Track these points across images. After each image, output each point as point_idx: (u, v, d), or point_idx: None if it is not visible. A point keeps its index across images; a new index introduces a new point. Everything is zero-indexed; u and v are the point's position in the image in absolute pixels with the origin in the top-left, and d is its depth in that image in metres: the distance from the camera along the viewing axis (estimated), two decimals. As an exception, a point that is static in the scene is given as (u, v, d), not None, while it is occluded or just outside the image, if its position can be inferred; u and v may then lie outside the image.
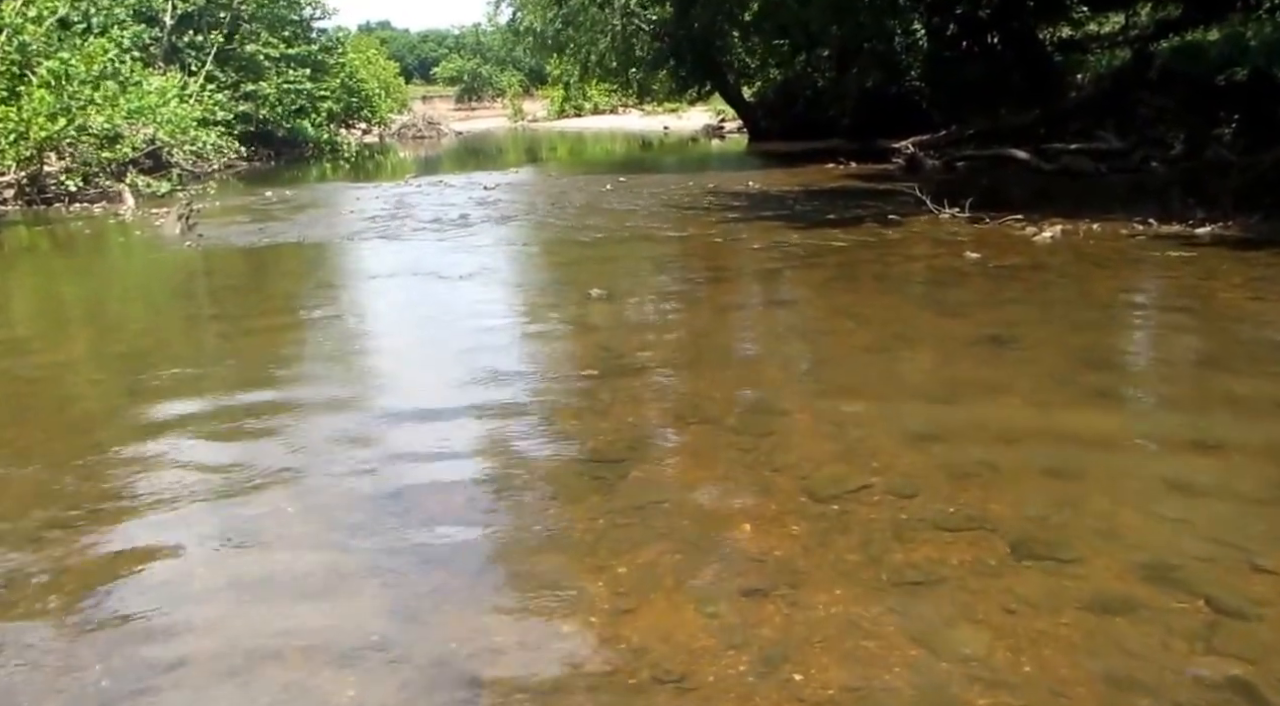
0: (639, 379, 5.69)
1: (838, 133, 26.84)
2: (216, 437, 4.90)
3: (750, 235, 11.03)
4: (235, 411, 5.29)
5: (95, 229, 14.69)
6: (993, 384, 5.31)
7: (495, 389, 5.51)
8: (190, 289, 9.55)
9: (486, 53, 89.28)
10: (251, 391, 5.67)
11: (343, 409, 5.31)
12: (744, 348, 6.39)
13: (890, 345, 6.28)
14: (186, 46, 29.29)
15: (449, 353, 6.44)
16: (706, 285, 8.55)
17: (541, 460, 4.41)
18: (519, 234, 12.18)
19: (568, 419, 4.96)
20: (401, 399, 5.44)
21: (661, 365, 5.98)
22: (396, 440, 4.75)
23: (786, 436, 4.60)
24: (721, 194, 15.78)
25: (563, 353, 6.41)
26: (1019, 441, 4.40)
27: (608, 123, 53.38)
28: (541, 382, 5.70)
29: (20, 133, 17.79)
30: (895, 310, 7.29)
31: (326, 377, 6.02)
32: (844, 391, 5.25)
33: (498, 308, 7.83)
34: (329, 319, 7.66)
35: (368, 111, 44.01)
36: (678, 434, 4.70)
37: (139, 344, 7.21)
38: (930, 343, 6.30)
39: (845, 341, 6.41)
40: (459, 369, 5.99)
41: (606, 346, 6.50)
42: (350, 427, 4.94)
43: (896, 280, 8.35)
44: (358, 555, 3.54)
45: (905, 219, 11.78)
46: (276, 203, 17.38)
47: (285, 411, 5.26)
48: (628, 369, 5.89)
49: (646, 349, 6.41)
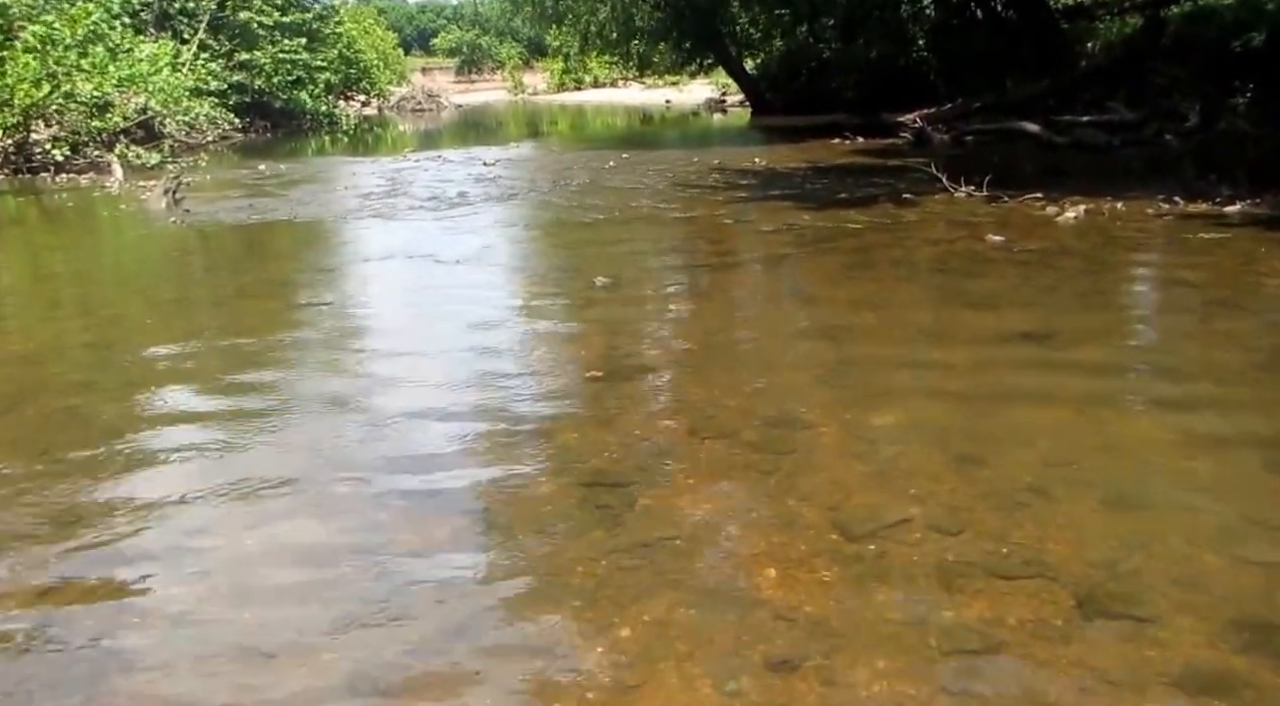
0: (647, 382, 5.23)
1: (841, 106, 26.26)
2: (152, 462, 4.43)
3: (760, 216, 10.53)
4: (179, 426, 4.83)
5: (79, 201, 14.19)
6: (1035, 390, 4.84)
7: (490, 394, 5.05)
8: (167, 272, 9.04)
9: (486, 24, 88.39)
10: (209, 398, 5.23)
11: (310, 417, 4.84)
12: (759, 345, 5.90)
13: (918, 343, 5.81)
14: (179, 13, 28.62)
15: (440, 350, 5.97)
16: (716, 272, 8.07)
17: (539, 484, 3.95)
18: (519, 214, 11.68)
19: (569, 432, 4.50)
20: (382, 407, 4.92)
21: (671, 366, 5.53)
22: (372, 457, 4.28)
23: (811, 455, 4.15)
24: (727, 171, 15.27)
25: (565, 350, 5.94)
26: (1072, 462, 3.94)
27: (608, 96, 52.64)
28: (541, 386, 5.23)
29: (4, 100, 17.26)
30: (919, 302, 6.81)
31: (297, 381, 5.50)
32: (871, 399, 4.79)
33: (495, 296, 7.35)
34: (313, 309, 7.14)
35: (366, 83, 43.38)
36: (690, 451, 4.24)
37: (107, 333, 6.74)
38: (961, 340, 5.83)
39: (868, 339, 5.94)
40: (450, 370, 5.53)
41: (612, 343, 6.05)
42: (316, 441, 4.49)
43: (917, 267, 7.86)
44: (315, 611, 3.09)
45: (920, 198, 11.29)
46: (270, 177, 16.87)
47: (247, 419, 4.80)
48: (635, 370, 5.44)
49: (655, 346, 5.96)
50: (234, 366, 5.75)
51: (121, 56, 21.83)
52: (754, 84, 31.98)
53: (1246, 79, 17.34)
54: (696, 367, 5.50)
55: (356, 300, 7.55)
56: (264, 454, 4.38)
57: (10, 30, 18.34)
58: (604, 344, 6.04)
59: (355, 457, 4.29)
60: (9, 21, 18.26)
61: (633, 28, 32.77)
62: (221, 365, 5.80)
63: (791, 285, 7.59)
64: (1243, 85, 17.53)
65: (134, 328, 6.90)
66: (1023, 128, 17.55)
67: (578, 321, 6.62)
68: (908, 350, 5.67)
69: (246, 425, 4.73)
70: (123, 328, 6.93)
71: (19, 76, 17.26)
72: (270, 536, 3.59)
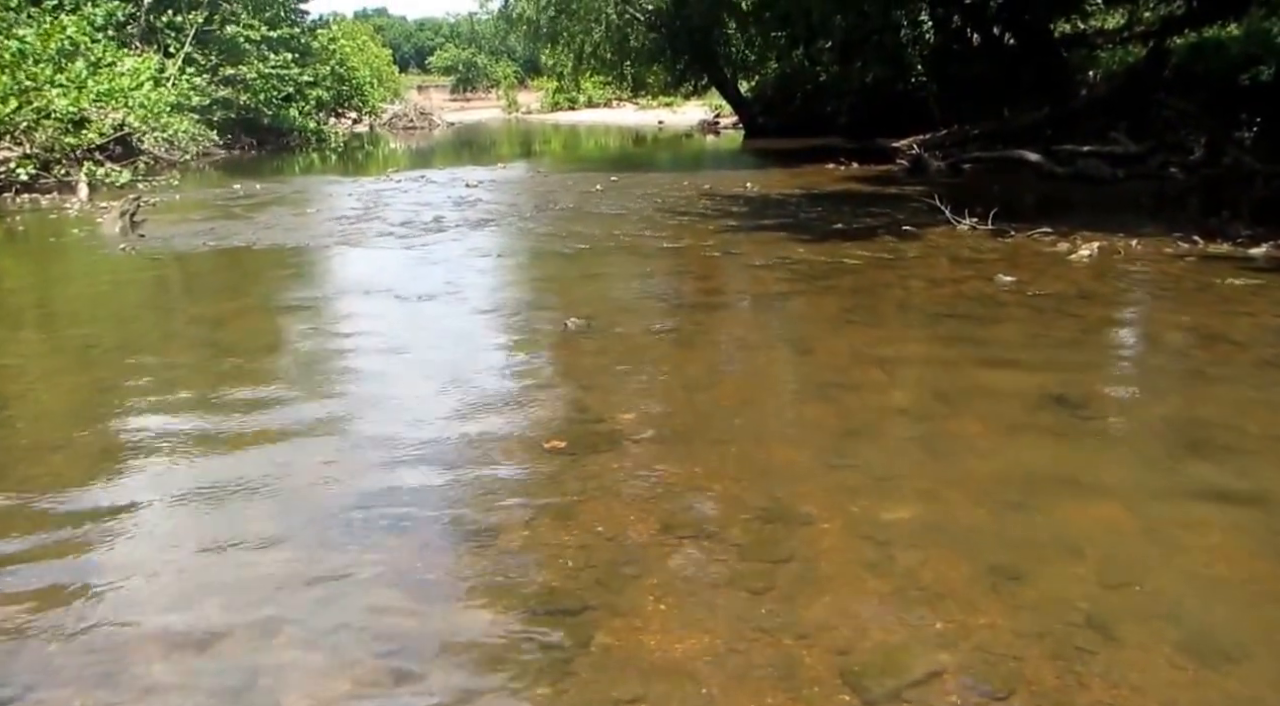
0: (618, 458, 4.46)
1: (836, 130, 25.81)
2: (21, 558, 3.66)
3: (751, 248, 9.80)
4: (49, 515, 4.06)
5: (31, 224, 13.35)
6: (1075, 476, 4.09)
7: (422, 477, 4.26)
8: (89, 311, 8.04)
9: (481, 42, 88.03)
10: (73, 491, 4.45)
11: (182, 513, 4.07)
12: (749, 409, 5.14)
13: (931, 409, 5.06)
14: (165, 27, 27.89)
15: (378, 411, 5.16)
16: (703, 314, 7.31)
17: (471, 612, 3.15)
18: (495, 242, 10.92)
19: (517, 530, 3.72)
20: (272, 507, 4.10)
21: (646, 435, 4.75)
22: (229, 580, 3.49)
23: (813, 565, 3.39)
24: (718, 197, 14.56)
25: (524, 412, 5.15)
26: (1134, 583, 3.19)
27: (602, 116, 52.16)
28: (489, 462, 4.44)
29: (-32, 117, 16.48)
30: (928, 355, 6.07)
31: (166, 468, 4.67)
32: (882, 486, 4.04)
33: (454, 341, 6.57)
34: (228, 359, 6.19)
35: (358, 100, 42.65)
36: (664, 558, 3.47)
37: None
38: (980, 405, 5.07)
39: (874, 403, 5.18)
40: (385, 436, 4.74)
41: (579, 402, 5.28)
42: (185, 540, 3.71)
43: (924, 312, 7.12)
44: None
45: (921, 230, 10.60)
46: (242, 198, 16.09)
47: (110, 519, 4.03)
48: (603, 440, 4.67)
49: (629, 407, 5.18)
50: (115, 432, 4.97)
51: (102, 71, 21.12)
52: (748, 106, 31.45)
53: (1254, 113, 16.75)
54: (675, 437, 4.73)
55: (286, 349, 6.55)
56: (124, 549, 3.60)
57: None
58: (570, 403, 5.27)
59: (221, 575, 3.51)
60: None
61: (627, 48, 32.28)
62: (105, 431, 5.02)
63: (785, 331, 6.82)
64: (1249, 119, 16.94)
65: (18, 381, 6.09)
66: (1022, 157, 16.94)
67: (543, 373, 5.85)
68: (920, 418, 4.93)
69: (99, 527, 3.96)
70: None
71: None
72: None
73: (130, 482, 4.26)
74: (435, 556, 3.54)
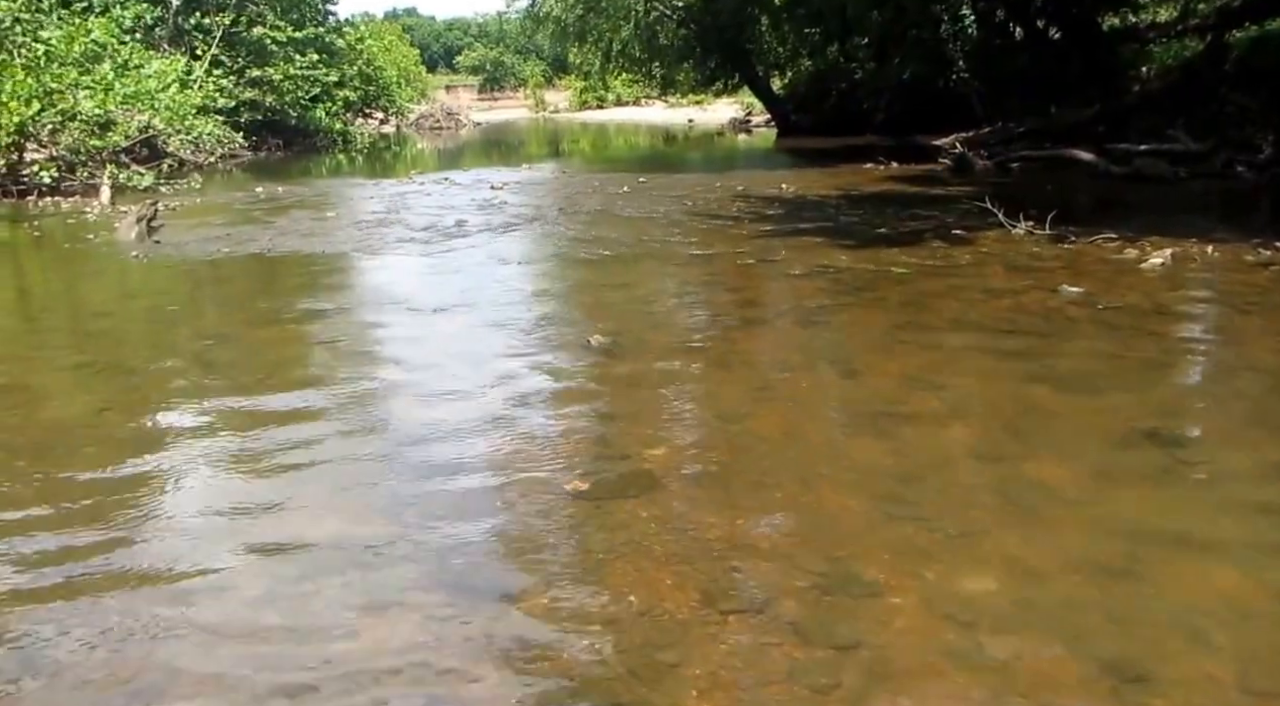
0: (648, 504, 3.89)
1: (871, 128, 25.13)
2: None
3: (789, 255, 9.19)
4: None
5: (47, 228, 12.94)
6: (1185, 533, 3.49)
7: (428, 522, 3.73)
8: (91, 325, 7.55)
9: (509, 41, 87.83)
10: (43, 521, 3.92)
11: (161, 552, 3.54)
12: (793, 444, 4.54)
13: (1002, 446, 4.45)
14: (193, 29, 27.64)
15: (376, 444, 4.62)
16: (738, 330, 6.71)
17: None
18: (518, 249, 10.39)
19: (534, 598, 3.17)
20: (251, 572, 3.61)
21: (680, 476, 4.18)
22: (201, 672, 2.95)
23: (885, 655, 2.80)
24: (752, 198, 13.96)
25: (543, 446, 4.59)
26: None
27: (630, 114, 51.66)
28: (505, 506, 3.90)
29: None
30: (993, 379, 5.44)
31: (153, 502, 4.18)
32: (957, 546, 3.44)
33: (466, 361, 5.99)
34: (222, 381, 5.68)
35: (385, 100, 42.36)
36: (708, 641, 2.89)
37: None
38: (1059, 441, 4.46)
39: (935, 438, 4.58)
40: (383, 477, 4.22)
41: (603, 435, 4.71)
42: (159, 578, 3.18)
43: (983, 328, 6.48)
44: None
45: (972, 234, 9.95)
46: (263, 201, 15.66)
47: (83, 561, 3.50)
48: (633, 482, 4.10)
49: (660, 441, 4.60)
50: (102, 458, 4.45)
51: (129, 73, 20.82)
52: (780, 104, 30.79)
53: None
54: (711, 479, 4.16)
55: (282, 372, 5.96)
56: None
57: (3, 45, 17.23)
58: (594, 435, 4.71)
59: (182, 661, 2.97)
60: (0, 36, 17.13)
61: (656, 46, 31.72)
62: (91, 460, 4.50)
63: (830, 351, 6.19)
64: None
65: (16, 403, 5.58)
66: (1075, 155, 16.19)
67: (563, 399, 5.26)
68: (990, 458, 4.32)
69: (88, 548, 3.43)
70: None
71: (11, 94, 16.14)
72: None
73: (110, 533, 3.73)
74: (436, 632, 2.98)
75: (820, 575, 3.27)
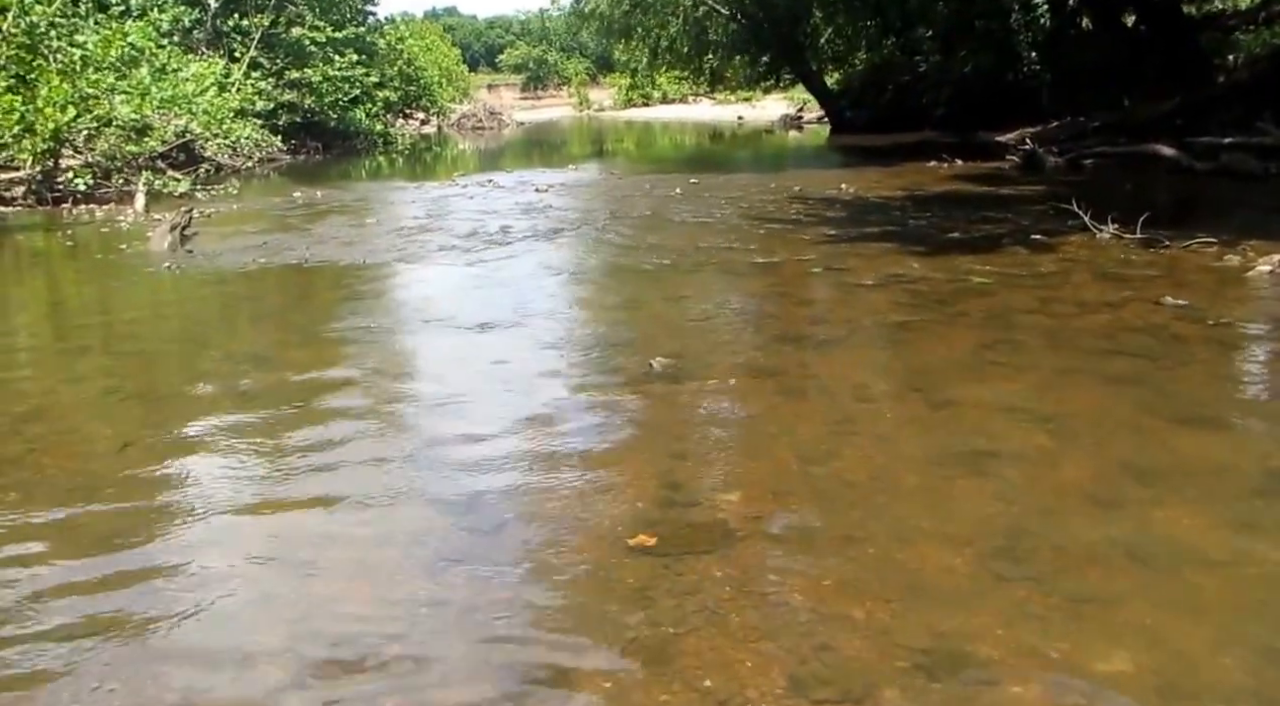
0: (723, 563, 3.38)
1: (929, 123, 24.40)
2: None
3: (857, 264, 8.63)
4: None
5: (79, 238, 12.61)
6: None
7: (473, 583, 3.25)
8: (109, 345, 7.01)
9: (552, 39, 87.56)
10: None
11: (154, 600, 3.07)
12: (883, 489, 3.99)
13: (1123, 490, 3.87)
14: (232, 30, 27.45)
15: (418, 485, 4.15)
16: (811, 350, 6.14)
17: None
18: (566, 257, 9.90)
19: (595, 684, 2.67)
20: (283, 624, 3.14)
21: (758, 529, 3.65)
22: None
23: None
24: (811, 200, 13.37)
25: (603, 491, 4.08)
26: None
27: (677, 112, 51.07)
28: (559, 565, 3.40)
29: (28, 125, 15.88)
30: (1103, 410, 4.84)
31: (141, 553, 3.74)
32: (1082, 615, 2.91)
33: (515, 388, 5.48)
34: (252, 417, 5.14)
35: (427, 101, 42.12)
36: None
37: None
38: (1190, 485, 3.88)
39: (1043, 480, 4.01)
40: (424, 524, 3.74)
41: (671, 477, 4.19)
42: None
43: (1082, 348, 5.87)
44: None
45: (1053, 239, 9.33)
46: (300, 207, 15.31)
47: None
48: (704, 535, 3.60)
49: (733, 485, 4.09)
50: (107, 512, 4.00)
51: (166, 77, 20.62)
52: (834, 100, 30.04)
53: None
54: (793, 532, 3.63)
55: (316, 401, 5.39)
56: None
57: (39, 50, 17.01)
58: (659, 478, 4.18)
59: None
60: (35, 40, 16.91)
61: (705, 41, 31.17)
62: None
63: (915, 375, 5.60)
64: None
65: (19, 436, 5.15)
66: (1156, 151, 15.35)
67: (624, 435, 4.74)
68: (1112, 505, 3.74)
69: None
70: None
71: (48, 99, 15.91)
72: None
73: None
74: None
75: (924, 653, 2.75)
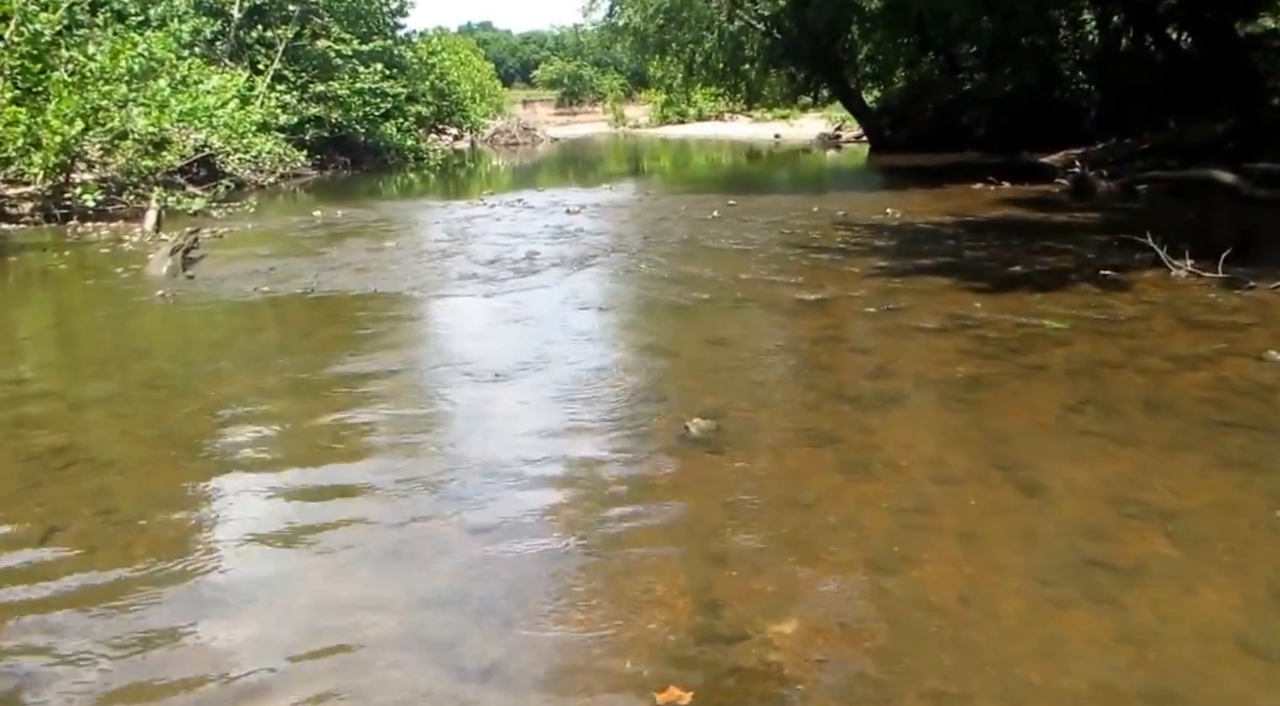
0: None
1: (971, 143, 23.56)
2: None
3: (913, 301, 7.82)
4: None
5: (76, 260, 11.95)
6: None
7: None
8: (76, 392, 6.21)
9: (587, 54, 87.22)
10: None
11: None
12: (982, 623, 3.17)
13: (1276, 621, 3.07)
14: (255, 42, 26.96)
15: (390, 609, 3.38)
16: (872, 413, 5.30)
17: None
18: (596, 289, 9.14)
19: None
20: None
21: (821, 677, 2.86)
22: None
23: None
24: (856, 226, 12.57)
25: (626, 616, 3.29)
26: None
27: (713, 129, 50.35)
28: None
29: (35, 138, 15.30)
30: (1230, 505, 3.98)
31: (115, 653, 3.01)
32: None
33: (528, 459, 4.69)
34: (229, 485, 4.51)
35: (459, 116, 41.59)
36: None
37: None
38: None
39: (1185, 611, 3.19)
40: (392, 681, 2.97)
41: (711, 597, 3.39)
42: None
43: (1186, 415, 5.02)
44: None
45: (1125, 276, 8.49)
46: (318, 227, 14.66)
47: None
48: (751, 686, 2.84)
49: (787, 609, 3.29)
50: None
51: (186, 89, 20.07)
52: (874, 119, 29.20)
53: None
54: (868, 686, 2.83)
55: (305, 464, 4.73)
56: None
57: (45, 60, 16.48)
58: (695, 598, 3.39)
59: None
60: (41, 50, 16.37)
61: (741, 57, 30.47)
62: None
63: (997, 448, 4.74)
64: None
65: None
66: (1213, 177, 14.43)
67: (652, 529, 3.94)
68: (1273, 656, 2.93)
69: None
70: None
71: (56, 112, 15.32)
72: None
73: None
74: None
75: None
